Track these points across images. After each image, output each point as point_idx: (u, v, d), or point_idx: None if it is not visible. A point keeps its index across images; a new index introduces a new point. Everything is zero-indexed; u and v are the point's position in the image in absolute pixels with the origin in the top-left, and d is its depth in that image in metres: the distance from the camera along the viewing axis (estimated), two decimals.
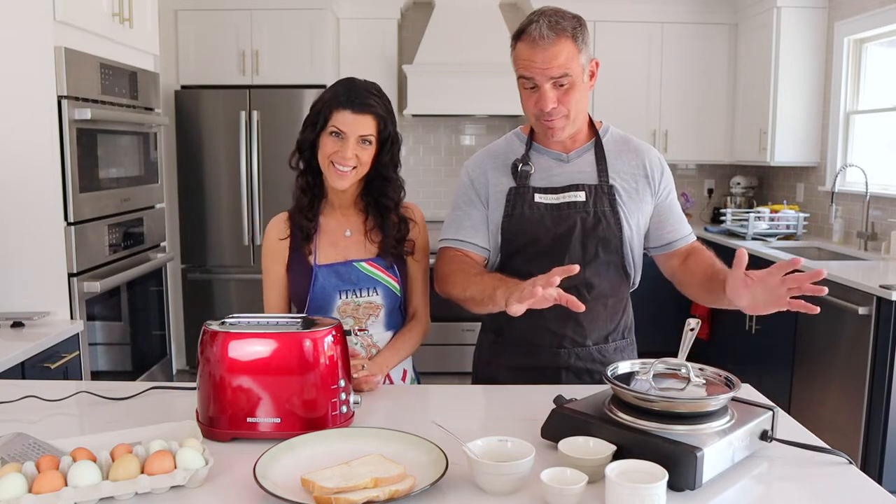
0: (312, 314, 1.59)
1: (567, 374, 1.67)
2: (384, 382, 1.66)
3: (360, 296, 1.65)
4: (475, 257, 1.69)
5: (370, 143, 1.59)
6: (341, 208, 1.70)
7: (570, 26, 1.52)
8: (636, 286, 1.75)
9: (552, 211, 1.62)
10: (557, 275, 1.28)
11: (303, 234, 1.66)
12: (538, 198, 1.63)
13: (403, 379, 1.75)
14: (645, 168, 1.67)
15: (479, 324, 1.83)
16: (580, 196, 1.62)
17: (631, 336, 1.77)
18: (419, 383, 1.83)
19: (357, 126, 1.56)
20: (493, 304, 1.45)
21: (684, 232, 1.73)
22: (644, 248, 1.74)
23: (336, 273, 1.65)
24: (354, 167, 1.58)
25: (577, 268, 1.30)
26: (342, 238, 1.68)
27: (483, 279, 1.53)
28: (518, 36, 1.55)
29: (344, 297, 1.65)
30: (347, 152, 1.56)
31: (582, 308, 1.30)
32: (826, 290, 1.25)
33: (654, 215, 1.70)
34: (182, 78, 4.46)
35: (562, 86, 1.53)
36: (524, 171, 1.64)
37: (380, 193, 1.67)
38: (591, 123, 1.70)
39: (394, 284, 1.67)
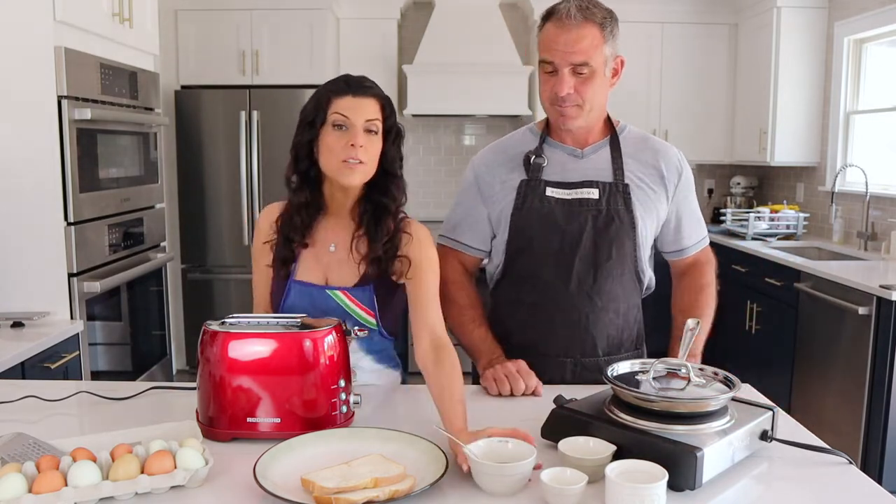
0: None
1: None
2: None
3: None
4: (467, 260, 1.70)
5: (376, 132, 1.44)
6: (336, 215, 1.53)
7: (601, 15, 1.49)
8: (650, 291, 1.70)
9: (563, 206, 1.58)
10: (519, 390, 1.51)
11: (287, 249, 1.52)
12: (550, 192, 1.59)
13: None
14: (661, 168, 1.62)
15: None
16: (593, 193, 1.57)
17: (643, 347, 1.72)
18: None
19: (361, 110, 1.42)
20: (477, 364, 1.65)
21: (699, 236, 1.71)
22: (660, 251, 1.70)
23: (310, 296, 1.52)
24: (364, 161, 1.42)
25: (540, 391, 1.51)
26: (325, 253, 1.53)
27: (474, 337, 1.64)
28: (547, 17, 1.52)
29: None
30: (358, 138, 1.41)
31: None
32: None
33: (671, 218, 1.66)
34: (182, 78, 4.46)
35: (581, 74, 1.49)
36: (537, 164, 1.60)
37: (382, 192, 1.49)
38: (609, 121, 1.66)
39: (368, 319, 1.52)
